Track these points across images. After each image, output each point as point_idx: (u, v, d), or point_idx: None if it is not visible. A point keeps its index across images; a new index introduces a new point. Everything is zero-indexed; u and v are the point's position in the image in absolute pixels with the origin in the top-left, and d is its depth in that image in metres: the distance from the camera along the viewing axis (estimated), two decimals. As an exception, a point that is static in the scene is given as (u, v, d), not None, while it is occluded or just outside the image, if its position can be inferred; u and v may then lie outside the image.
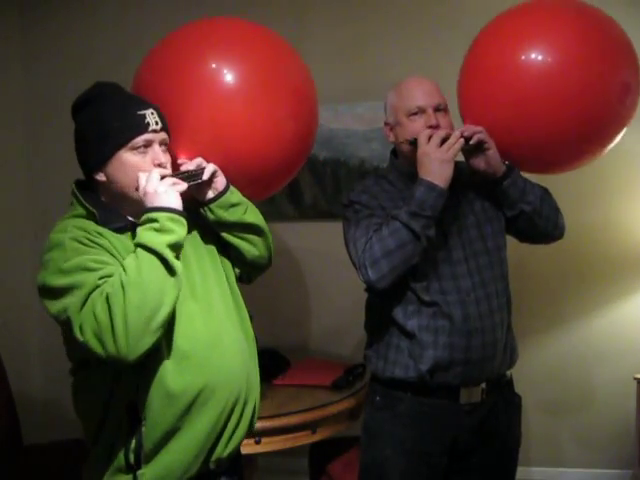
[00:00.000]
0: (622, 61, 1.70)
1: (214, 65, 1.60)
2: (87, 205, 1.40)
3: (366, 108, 2.91)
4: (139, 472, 1.36)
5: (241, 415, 1.47)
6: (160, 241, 1.28)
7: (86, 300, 1.25)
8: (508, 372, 1.85)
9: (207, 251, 1.57)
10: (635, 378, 2.52)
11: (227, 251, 1.61)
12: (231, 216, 1.54)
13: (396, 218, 1.64)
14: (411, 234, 1.62)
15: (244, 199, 1.59)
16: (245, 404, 1.48)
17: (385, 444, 1.78)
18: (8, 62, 3.20)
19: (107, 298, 1.23)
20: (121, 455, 1.36)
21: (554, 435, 2.94)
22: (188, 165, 1.50)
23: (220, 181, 1.54)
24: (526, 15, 1.75)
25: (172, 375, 1.35)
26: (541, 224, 1.80)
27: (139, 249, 1.29)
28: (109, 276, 1.28)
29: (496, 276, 1.78)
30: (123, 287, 1.24)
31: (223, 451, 1.45)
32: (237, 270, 1.64)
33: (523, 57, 1.66)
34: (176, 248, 1.31)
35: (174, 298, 1.29)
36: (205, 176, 1.48)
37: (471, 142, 1.69)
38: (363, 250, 1.66)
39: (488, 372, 1.75)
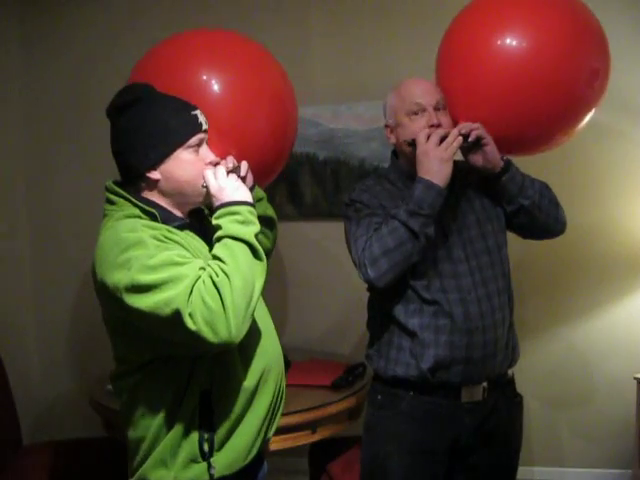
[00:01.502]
0: (592, 47, 1.77)
1: (204, 77, 1.71)
2: (142, 205, 1.43)
3: (366, 108, 2.91)
4: (212, 459, 1.42)
5: (283, 396, 1.59)
6: (248, 231, 1.37)
7: (192, 290, 1.27)
8: (510, 371, 1.85)
9: None
10: (635, 378, 2.52)
11: None
12: (257, 210, 1.58)
13: (395, 217, 1.65)
14: (409, 233, 1.62)
15: (265, 194, 1.73)
16: (283, 384, 1.60)
17: (386, 443, 1.78)
18: (8, 69, 3.21)
19: (215, 286, 1.28)
20: (195, 446, 1.41)
21: (554, 435, 2.94)
22: (226, 163, 1.54)
23: (250, 177, 1.64)
24: (498, 2, 1.81)
25: (241, 365, 1.44)
26: (541, 218, 1.80)
27: (228, 239, 1.35)
28: (203, 268, 1.32)
29: (497, 275, 1.78)
30: (227, 275, 1.29)
31: (270, 432, 1.56)
32: None
33: (498, 42, 1.72)
34: (257, 237, 1.40)
35: (263, 281, 1.38)
36: (242, 172, 1.57)
37: (469, 139, 1.69)
38: (363, 249, 1.66)
39: (489, 371, 1.75)
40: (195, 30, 1.90)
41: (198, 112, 1.48)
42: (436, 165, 1.64)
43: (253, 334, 1.46)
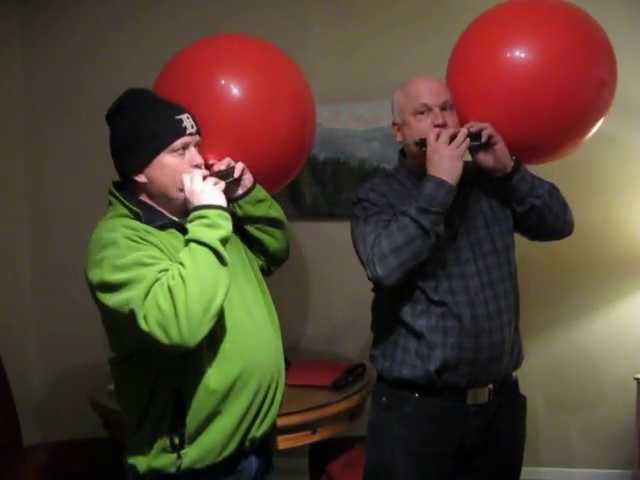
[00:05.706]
0: (598, 58, 1.77)
1: (223, 81, 1.76)
2: (130, 205, 1.49)
3: (366, 108, 2.91)
4: (182, 452, 1.46)
5: (274, 397, 1.59)
6: (212, 235, 1.38)
7: (148, 292, 1.32)
8: (514, 373, 1.84)
9: (234, 246, 1.63)
10: (635, 378, 2.52)
11: (251, 245, 1.74)
12: (257, 211, 1.69)
13: (405, 214, 1.64)
14: (420, 230, 1.62)
15: (268, 195, 1.74)
16: (277, 387, 1.60)
17: (391, 445, 1.77)
18: (9, 66, 3.22)
19: (169, 290, 1.31)
20: (166, 437, 1.45)
21: (552, 435, 2.94)
22: (220, 165, 1.62)
23: (248, 178, 1.68)
24: (507, 15, 1.82)
25: (212, 367, 1.45)
26: (551, 219, 1.79)
27: (193, 244, 1.38)
28: (166, 270, 1.36)
29: (504, 276, 1.77)
30: (183, 279, 1.32)
31: (257, 431, 1.55)
32: (260, 263, 1.77)
33: (508, 55, 1.73)
34: (225, 241, 1.41)
35: (227, 287, 1.39)
36: (236, 174, 1.63)
37: (482, 139, 1.69)
38: (372, 246, 1.65)
39: (495, 373, 1.75)
40: (221, 35, 1.95)
41: (184, 116, 1.51)
42: (446, 163, 1.64)
43: (232, 336, 1.48)
